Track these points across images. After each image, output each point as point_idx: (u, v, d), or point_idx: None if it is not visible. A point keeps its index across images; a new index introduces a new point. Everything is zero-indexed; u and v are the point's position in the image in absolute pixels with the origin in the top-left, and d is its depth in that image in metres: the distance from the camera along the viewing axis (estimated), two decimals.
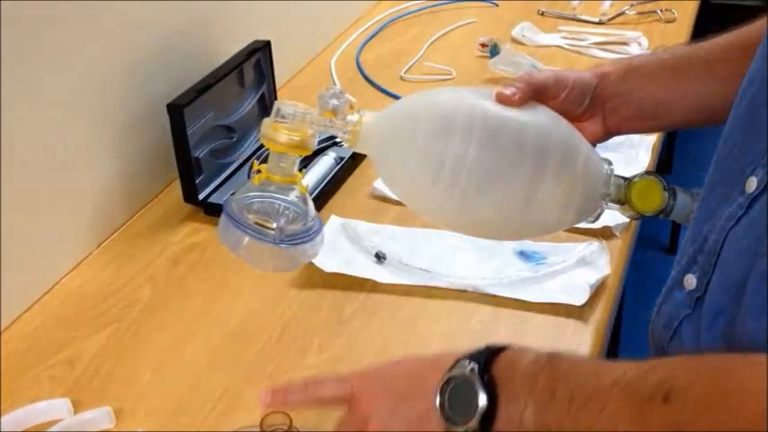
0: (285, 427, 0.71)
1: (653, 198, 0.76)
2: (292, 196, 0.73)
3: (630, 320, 1.95)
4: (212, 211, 1.11)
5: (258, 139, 1.22)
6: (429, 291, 0.95)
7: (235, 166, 1.18)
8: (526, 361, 0.57)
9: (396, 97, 1.38)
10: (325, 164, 1.17)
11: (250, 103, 1.21)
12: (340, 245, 1.02)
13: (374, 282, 0.96)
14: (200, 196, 1.11)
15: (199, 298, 0.97)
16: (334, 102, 0.70)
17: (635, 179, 0.76)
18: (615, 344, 1.85)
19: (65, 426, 0.78)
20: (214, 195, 1.12)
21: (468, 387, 0.57)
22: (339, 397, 0.66)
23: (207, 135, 1.12)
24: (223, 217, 0.72)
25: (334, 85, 1.43)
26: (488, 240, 1.01)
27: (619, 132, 0.82)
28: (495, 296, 0.93)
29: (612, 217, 1.03)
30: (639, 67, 0.80)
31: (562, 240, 1.01)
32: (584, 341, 0.88)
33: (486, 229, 0.76)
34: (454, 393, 0.59)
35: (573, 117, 0.76)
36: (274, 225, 0.71)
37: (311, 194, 1.08)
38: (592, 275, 0.94)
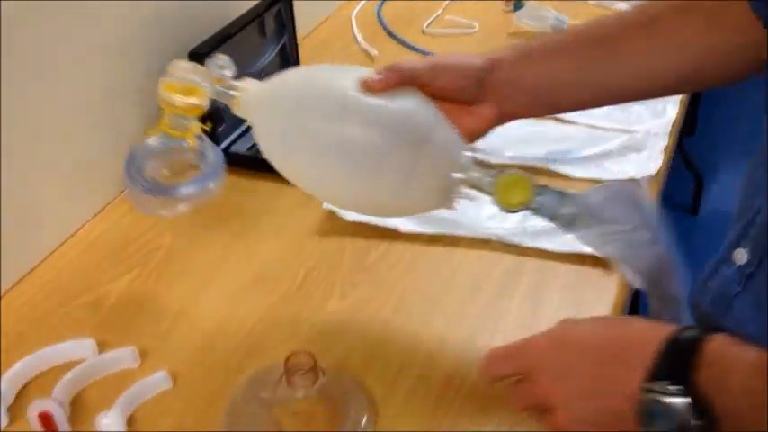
0: (309, 366, 0.71)
1: (517, 194, 0.74)
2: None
3: None
4: (234, 160, 1.10)
5: None
6: (452, 240, 0.95)
7: None
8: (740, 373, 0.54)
9: (418, 51, 1.37)
10: None
11: (271, 55, 1.20)
12: None
13: (397, 231, 0.95)
14: (222, 145, 1.10)
15: (220, 245, 0.97)
16: (221, 71, 0.78)
17: (503, 173, 0.75)
18: (635, 301, 1.84)
19: (89, 365, 0.78)
20: (236, 145, 1.12)
21: (672, 412, 0.54)
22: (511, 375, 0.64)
23: None
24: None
25: (355, 38, 1.42)
26: None
27: (514, 117, 0.81)
28: (518, 245, 0.93)
29: (639, 169, 1.03)
30: (535, 51, 0.79)
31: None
32: (608, 292, 0.87)
33: (339, 200, 0.81)
34: (656, 408, 0.55)
35: (462, 102, 0.77)
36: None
37: None
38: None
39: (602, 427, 0.59)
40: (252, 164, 1.09)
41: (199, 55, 1.04)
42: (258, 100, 0.77)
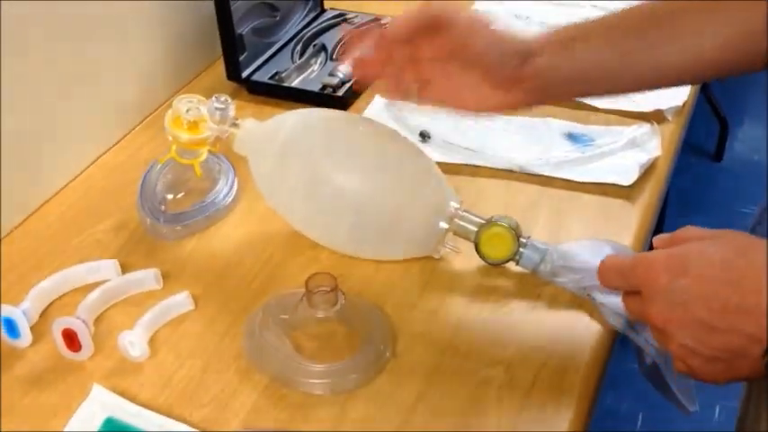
0: (330, 287, 0.71)
1: (501, 248, 0.78)
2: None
3: (672, 227, 1.93)
4: (255, 89, 1.10)
5: (301, 20, 1.20)
6: (474, 169, 0.94)
7: (278, 45, 1.16)
8: None
9: None
10: None
11: None
12: (384, 123, 1.01)
13: None
14: (244, 74, 1.10)
15: (241, 173, 0.97)
16: (222, 108, 0.83)
17: (488, 225, 0.78)
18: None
19: (113, 285, 0.79)
20: (257, 74, 1.11)
21: None
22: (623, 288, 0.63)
23: (250, 12, 1.10)
24: None
25: None
26: (536, 121, 1.00)
27: (540, 104, 0.76)
28: (541, 175, 0.92)
29: (666, 100, 1.01)
30: (579, 38, 0.71)
31: (612, 123, 0.99)
32: (631, 222, 0.86)
33: (325, 241, 0.82)
34: None
35: (489, 76, 0.71)
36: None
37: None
38: (642, 156, 0.92)
39: (715, 362, 0.56)
40: (274, 92, 1.09)
41: None
42: (254, 138, 0.82)
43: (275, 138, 0.81)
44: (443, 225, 0.79)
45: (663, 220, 1.81)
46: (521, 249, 0.77)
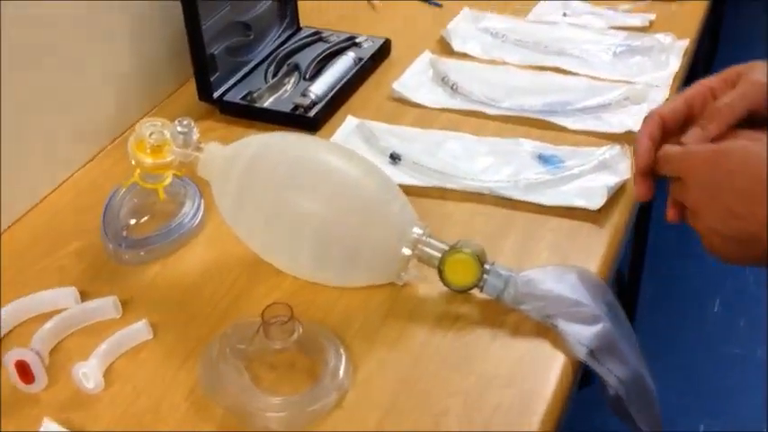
0: (286, 318, 0.70)
1: (465, 275, 0.77)
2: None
3: (659, 241, 1.92)
4: (227, 109, 1.09)
5: (276, 39, 1.19)
6: (444, 192, 0.93)
7: (251, 65, 1.15)
8: None
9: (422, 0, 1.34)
10: (343, 64, 1.14)
11: (267, 1, 1.17)
12: (354, 145, 1.00)
13: None
14: (215, 94, 1.09)
15: (209, 195, 0.96)
16: (183, 136, 0.82)
17: (451, 251, 0.77)
18: (638, 271, 1.83)
19: (70, 314, 0.78)
20: (230, 93, 1.10)
21: None
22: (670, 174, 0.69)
23: (223, 31, 1.09)
24: None
25: None
26: (508, 142, 0.99)
27: None
28: (510, 199, 0.91)
29: (638, 121, 1.00)
30: None
31: (582, 144, 0.98)
32: (599, 246, 0.85)
33: (286, 267, 0.81)
34: None
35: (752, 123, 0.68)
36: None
37: (329, 94, 1.07)
38: (610, 179, 0.90)
39: (732, 243, 0.65)
40: (245, 112, 1.08)
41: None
42: (217, 162, 0.81)
43: (237, 162, 0.80)
44: (406, 251, 0.78)
45: (646, 239, 1.79)
46: (484, 276, 0.76)
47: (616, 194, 0.90)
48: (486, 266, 0.77)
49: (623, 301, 1.77)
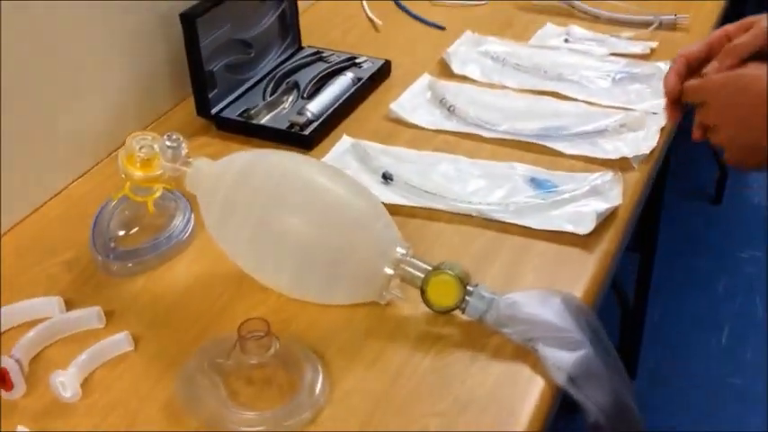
0: (263, 333, 0.70)
1: (447, 296, 0.77)
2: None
3: (664, 272, 1.91)
4: (223, 125, 1.10)
5: (277, 57, 1.20)
6: (433, 213, 0.93)
7: (251, 82, 1.16)
8: None
9: (425, 22, 1.35)
10: (341, 83, 1.14)
11: (269, 19, 1.18)
12: (347, 164, 1.00)
13: None
14: (213, 110, 1.10)
15: (198, 211, 0.96)
16: (171, 150, 0.83)
17: (434, 272, 0.77)
18: (644, 296, 1.81)
19: (53, 323, 0.78)
20: (227, 110, 1.11)
21: None
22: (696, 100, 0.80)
23: (222, 48, 1.10)
24: None
25: (363, 5, 1.40)
26: (501, 165, 0.99)
27: None
28: (499, 222, 0.91)
29: (633, 147, 1.00)
30: None
31: (577, 170, 0.98)
32: (587, 271, 0.85)
33: (271, 282, 0.81)
34: None
35: None
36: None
37: (325, 113, 1.07)
38: (601, 205, 0.90)
39: (744, 149, 0.78)
40: (242, 128, 1.09)
41: (190, 16, 1.03)
42: (205, 178, 0.82)
43: (223, 178, 0.81)
44: (388, 270, 0.78)
45: (651, 262, 1.78)
46: (467, 298, 0.76)
47: (606, 221, 0.90)
48: (469, 288, 0.76)
49: (627, 325, 1.78)
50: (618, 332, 1.85)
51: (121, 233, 0.89)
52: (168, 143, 0.83)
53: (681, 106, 0.83)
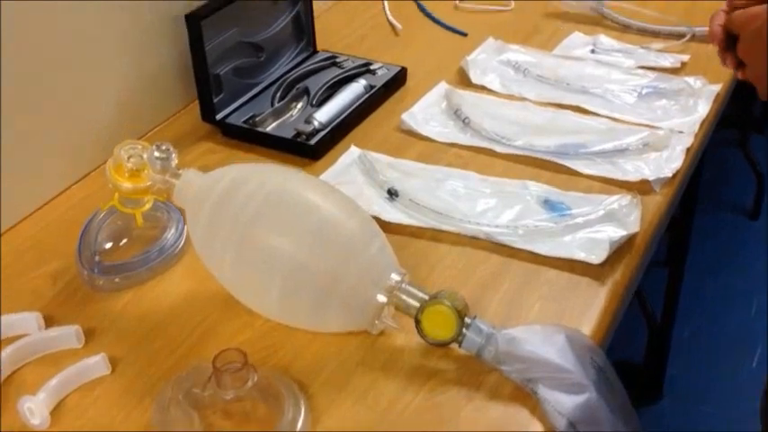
0: (239, 365, 0.65)
1: (443, 328, 0.71)
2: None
3: (691, 288, 1.84)
4: (230, 131, 1.06)
5: (289, 61, 1.16)
6: (438, 234, 0.88)
7: (260, 87, 1.11)
8: None
9: (448, 28, 1.29)
10: (353, 91, 1.10)
11: (283, 21, 1.14)
12: (353, 177, 0.96)
13: (379, 219, 0.89)
14: (219, 116, 1.06)
15: None
16: (161, 162, 0.78)
17: (431, 301, 0.71)
18: (672, 312, 1.75)
19: (28, 343, 0.75)
20: (234, 115, 1.06)
21: None
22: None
23: (230, 51, 1.06)
24: None
25: (383, 7, 1.35)
26: (514, 183, 0.94)
27: None
28: (507, 246, 0.85)
29: (655, 169, 0.94)
30: None
31: (594, 191, 0.92)
32: (597, 303, 0.79)
33: (256, 305, 0.77)
34: None
35: None
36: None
37: (333, 122, 1.03)
38: (616, 232, 0.84)
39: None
40: (247, 135, 1.04)
41: (196, 18, 0.99)
42: (192, 191, 0.77)
43: (211, 192, 0.76)
44: (381, 298, 0.73)
45: (681, 278, 1.71)
46: (464, 331, 0.71)
47: (621, 249, 0.84)
48: (467, 320, 0.71)
49: (654, 341, 1.71)
50: (644, 349, 1.79)
51: (109, 245, 0.85)
52: (158, 154, 0.79)
53: (728, 48, 0.82)
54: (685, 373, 1.86)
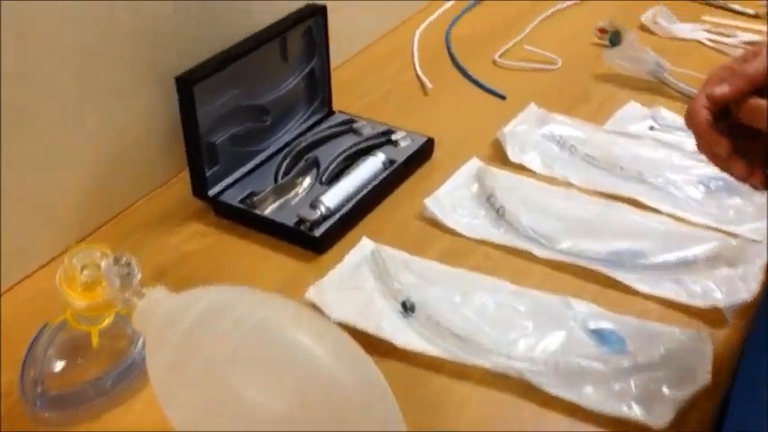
0: None
1: None
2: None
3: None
4: (223, 211, 0.91)
5: (300, 125, 1.01)
6: (460, 369, 0.72)
7: (264, 155, 0.96)
8: None
9: (483, 87, 1.13)
10: (370, 167, 0.94)
11: (293, 81, 0.99)
12: (362, 280, 0.80)
13: (391, 343, 0.73)
14: (211, 192, 0.91)
15: None
16: (120, 278, 0.64)
17: None
18: None
19: None
20: (229, 191, 0.91)
21: None
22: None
23: (228, 117, 0.91)
24: None
25: (413, 61, 1.19)
26: (554, 304, 0.77)
27: None
28: (542, 390, 0.69)
29: (729, 291, 0.77)
30: None
31: (651, 317, 0.76)
32: None
33: None
34: None
35: None
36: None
37: (342, 208, 0.88)
38: (684, 388, 0.68)
39: None
40: (242, 218, 0.89)
41: (187, 82, 0.84)
42: (158, 316, 0.63)
43: (179, 322, 0.61)
44: None
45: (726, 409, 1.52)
46: None
47: (690, 407, 0.67)
48: None
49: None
50: None
51: (59, 367, 0.70)
52: (117, 268, 0.64)
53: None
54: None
